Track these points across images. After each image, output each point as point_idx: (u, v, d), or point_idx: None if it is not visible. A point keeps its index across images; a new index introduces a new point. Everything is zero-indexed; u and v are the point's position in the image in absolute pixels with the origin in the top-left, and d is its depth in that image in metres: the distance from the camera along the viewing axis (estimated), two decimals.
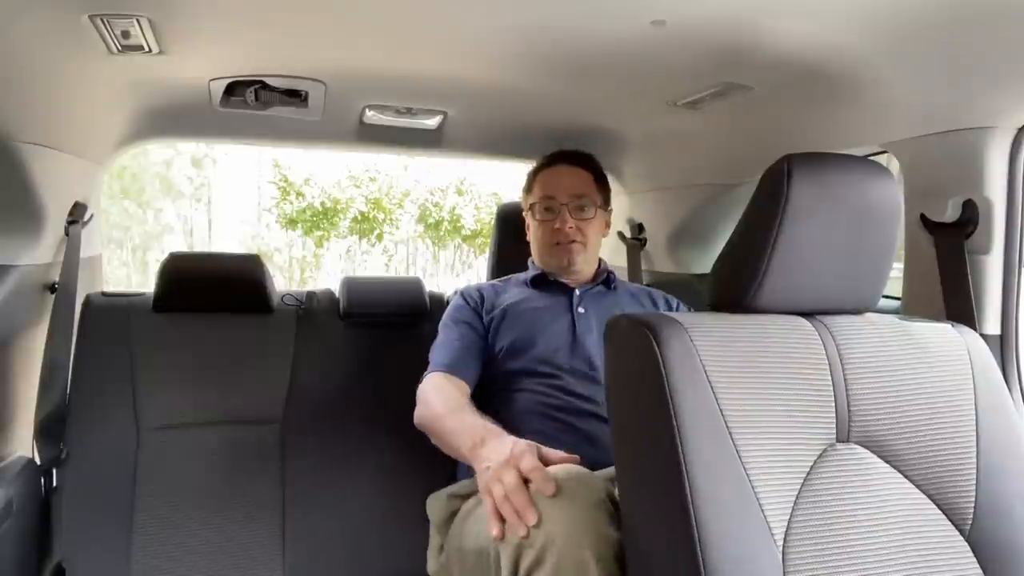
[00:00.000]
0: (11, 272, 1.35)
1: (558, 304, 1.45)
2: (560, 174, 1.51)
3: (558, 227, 1.46)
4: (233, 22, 1.15)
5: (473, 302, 1.48)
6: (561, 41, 1.18)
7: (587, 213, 1.48)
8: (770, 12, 1.03)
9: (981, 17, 0.94)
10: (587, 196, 1.49)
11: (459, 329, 1.42)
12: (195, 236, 8.88)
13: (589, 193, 1.49)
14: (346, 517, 1.50)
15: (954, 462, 0.86)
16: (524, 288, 1.51)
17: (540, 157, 1.59)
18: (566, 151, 1.55)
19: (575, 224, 1.46)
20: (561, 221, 1.46)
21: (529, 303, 1.46)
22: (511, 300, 1.47)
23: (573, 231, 1.46)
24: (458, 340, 1.39)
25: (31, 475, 1.36)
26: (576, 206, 1.47)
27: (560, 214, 1.47)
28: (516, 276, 1.57)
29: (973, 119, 1.11)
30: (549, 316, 1.42)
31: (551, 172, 1.52)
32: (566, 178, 1.50)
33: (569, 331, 1.40)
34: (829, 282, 0.89)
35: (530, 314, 1.43)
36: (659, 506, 0.79)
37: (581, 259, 1.48)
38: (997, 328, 1.16)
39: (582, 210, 1.48)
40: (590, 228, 1.48)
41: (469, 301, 1.48)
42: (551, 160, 1.54)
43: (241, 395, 1.54)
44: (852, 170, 0.88)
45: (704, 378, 0.79)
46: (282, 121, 1.66)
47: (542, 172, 1.54)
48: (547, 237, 1.49)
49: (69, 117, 1.39)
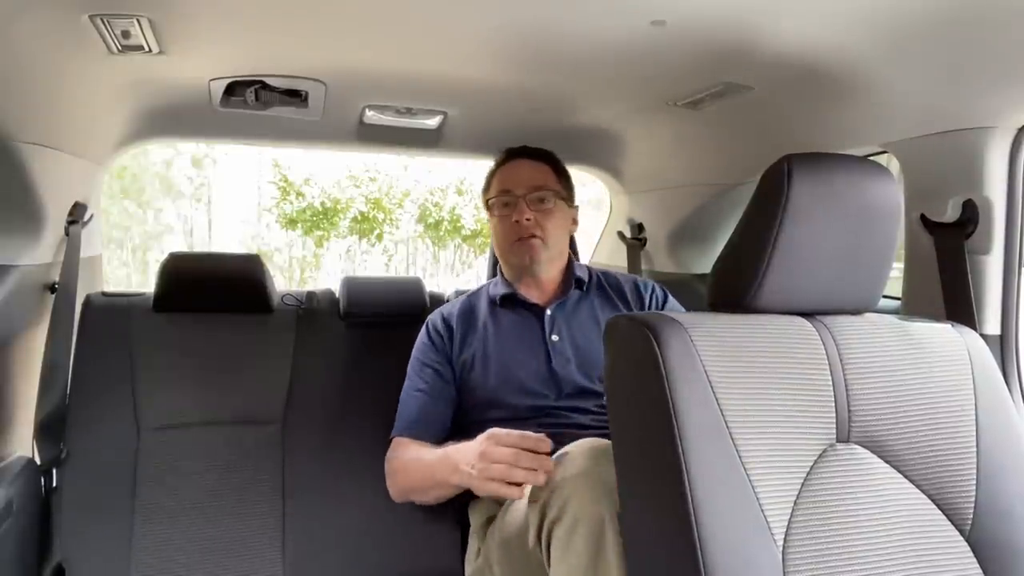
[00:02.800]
0: (11, 272, 1.35)
1: (530, 334, 1.40)
2: (517, 168, 1.46)
3: (516, 220, 1.40)
4: (233, 22, 1.15)
5: (440, 340, 1.43)
6: (561, 41, 1.18)
7: (547, 204, 1.41)
8: (770, 12, 1.03)
9: (981, 17, 0.94)
10: (546, 188, 1.42)
11: (424, 376, 1.40)
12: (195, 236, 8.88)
13: (548, 184, 1.43)
14: (346, 517, 1.50)
15: (954, 462, 0.86)
16: (493, 311, 1.45)
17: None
18: (523, 146, 1.50)
19: (533, 216, 1.39)
20: (518, 213, 1.39)
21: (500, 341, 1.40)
22: (479, 338, 1.41)
23: (532, 224, 1.39)
24: (423, 391, 1.38)
25: (31, 475, 1.36)
26: (535, 198, 1.41)
27: (517, 207, 1.40)
28: (487, 289, 1.51)
29: (973, 119, 1.11)
30: (522, 354, 1.37)
31: (508, 167, 1.47)
32: (523, 171, 1.45)
33: (545, 366, 1.35)
34: (829, 282, 0.89)
35: (502, 359, 1.37)
36: (659, 506, 0.79)
37: (543, 256, 1.40)
38: (997, 328, 1.16)
39: (541, 202, 1.41)
40: (550, 221, 1.41)
41: (435, 340, 1.43)
42: (508, 156, 1.49)
43: (241, 395, 1.54)
44: (852, 170, 0.88)
45: (704, 378, 0.79)
46: (282, 121, 1.66)
47: (500, 168, 1.49)
48: (506, 232, 1.42)
49: (69, 117, 1.39)
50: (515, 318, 1.43)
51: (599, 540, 0.90)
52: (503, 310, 1.45)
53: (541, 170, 1.46)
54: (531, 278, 1.45)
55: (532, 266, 1.41)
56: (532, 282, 1.45)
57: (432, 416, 1.36)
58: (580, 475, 0.94)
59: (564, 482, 0.95)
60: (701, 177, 1.83)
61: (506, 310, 1.45)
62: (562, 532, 0.93)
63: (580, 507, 0.92)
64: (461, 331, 1.43)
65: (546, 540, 0.97)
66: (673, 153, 1.85)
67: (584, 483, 0.93)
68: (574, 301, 1.45)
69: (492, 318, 1.44)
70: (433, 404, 1.37)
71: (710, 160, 1.77)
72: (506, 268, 1.49)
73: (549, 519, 0.96)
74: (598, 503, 0.91)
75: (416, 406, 1.37)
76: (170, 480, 1.45)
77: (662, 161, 1.92)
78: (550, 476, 0.98)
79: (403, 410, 1.39)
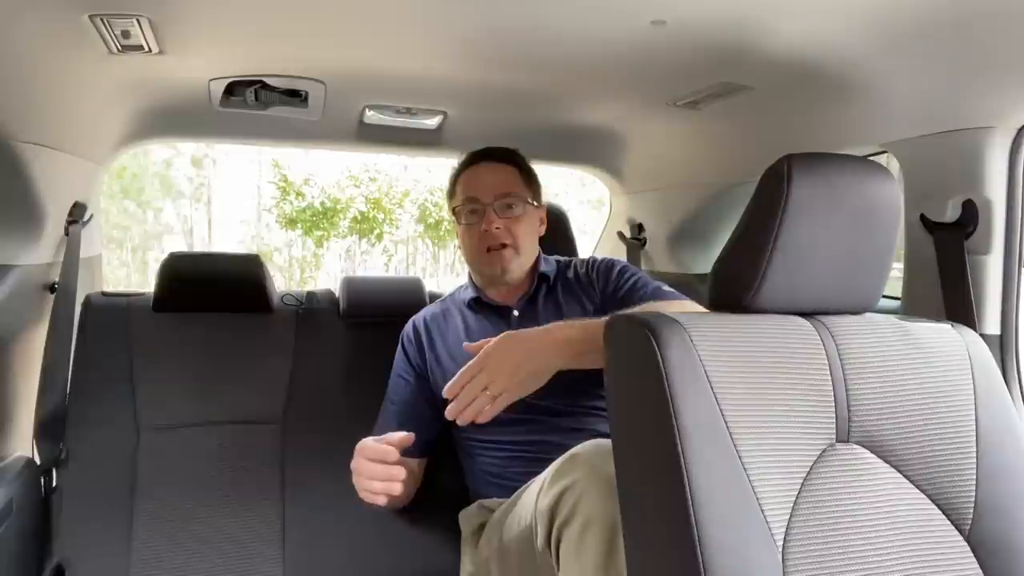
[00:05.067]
0: (11, 272, 1.35)
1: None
2: (482, 173, 1.41)
3: (485, 229, 1.36)
4: (233, 22, 1.15)
5: (412, 350, 1.43)
6: (561, 41, 1.18)
7: (515, 211, 1.37)
8: (770, 12, 1.03)
9: (981, 17, 0.94)
10: (513, 193, 1.38)
11: (398, 388, 1.42)
12: (195, 236, 8.89)
13: (515, 190, 1.39)
14: (346, 517, 1.50)
15: (954, 462, 0.86)
16: (463, 314, 1.44)
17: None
18: (487, 148, 1.45)
19: (502, 225, 1.36)
20: (487, 222, 1.35)
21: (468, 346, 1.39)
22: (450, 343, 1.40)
23: (501, 232, 1.35)
24: (397, 403, 1.40)
25: (31, 475, 1.36)
26: (503, 205, 1.37)
27: (486, 215, 1.36)
28: (459, 293, 1.50)
29: (973, 119, 1.11)
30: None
31: (472, 172, 1.42)
32: (489, 176, 1.40)
33: None
34: (829, 282, 0.89)
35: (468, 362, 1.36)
36: (658, 506, 0.79)
37: (515, 265, 1.37)
38: (997, 328, 1.16)
39: (509, 208, 1.37)
40: (519, 227, 1.37)
41: (407, 349, 1.44)
42: (471, 159, 1.44)
43: (241, 395, 1.54)
44: (852, 170, 0.88)
45: (704, 378, 0.79)
46: (282, 121, 1.66)
47: (464, 173, 1.43)
48: (476, 242, 1.38)
49: (69, 117, 1.39)
50: (483, 321, 1.42)
51: (611, 541, 0.89)
52: (472, 314, 1.44)
53: (507, 173, 1.41)
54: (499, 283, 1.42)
55: (504, 275, 1.38)
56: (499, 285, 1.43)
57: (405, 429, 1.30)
58: (589, 476, 0.93)
59: (574, 484, 0.94)
60: (701, 177, 1.83)
61: (475, 313, 1.43)
62: (573, 534, 0.93)
63: (591, 508, 0.91)
64: (430, 338, 1.43)
65: (555, 542, 0.96)
66: (673, 153, 1.85)
67: (594, 484, 0.92)
68: (542, 297, 1.42)
69: (463, 323, 1.43)
70: (406, 417, 1.37)
71: (710, 160, 1.77)
72: (476, 276, 1.47)
73: (559, 521, 0.95)
74: (609, 504, 0.90)
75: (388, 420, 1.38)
76: (170, 480, 1.45)
77: (662, 161, 1.92)
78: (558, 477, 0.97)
79: (381, 420, 1.40)
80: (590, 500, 0.92)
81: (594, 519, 0.91)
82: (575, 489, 0.94)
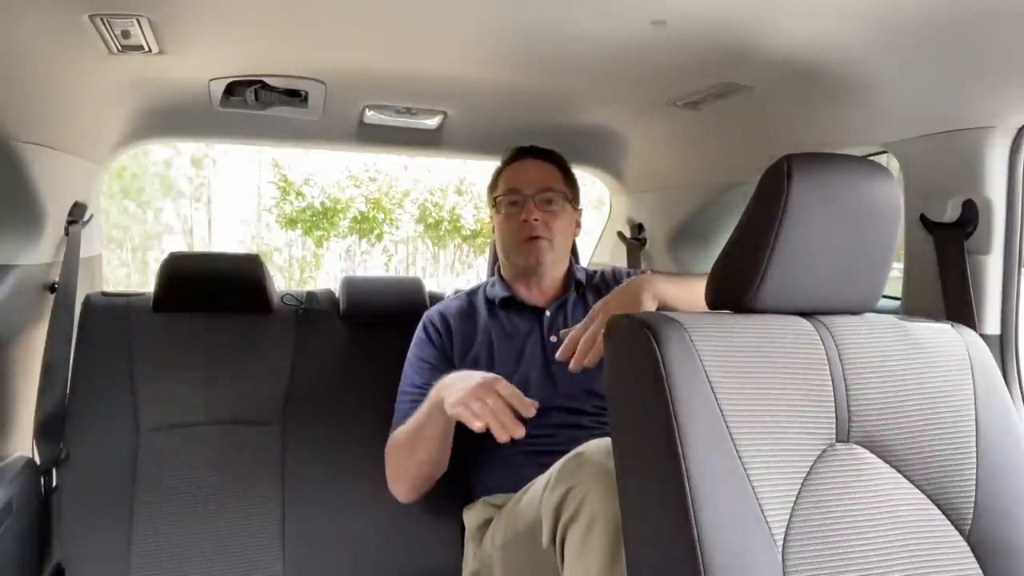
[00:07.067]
0: (11, 272, 1.35)
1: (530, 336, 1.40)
2: (526, 168, 1.46)
3: (524, 219, 1.39)
4: (233, 22, 1.15)
5: (438, 338, 1.42)
6: (561, 41, 1.18)
7: (555, 206, 1.42)
8: (770, 12, 1.03)
9: (981, 17, 0.94)
10: (554, 189, 1.43)
11: (422, 373, 1.38)
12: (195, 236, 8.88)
13: (556, 186, 1.44)
14: (346, 517, 1.50)
15: (954, 462, 0.86)
16: (492, 313, 1.45)
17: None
18: (532, 146, 1.50)
19: (541, 217, 1.39)
20: (527, 212, 1.39)
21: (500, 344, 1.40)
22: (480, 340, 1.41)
23: (539, 224, 1.39)
24: (421, 387, 1.36)
25: (31, 475, 1.36)
26: (543, 199, 1.41)
27: (526, 206, 1.40)
28: (484, 290, 1.51)
29: (973, 119, 1.11)
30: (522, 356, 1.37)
31: (517, 166, 1.47)
32: (532, 170, 1.45)
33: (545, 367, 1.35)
34: (829, 282, 0.89)
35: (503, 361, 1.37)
36: (658, 506, 0.79)
37: (549, 258, 1.41)
38: (997, 328, 1.16)
39: (549, 203, 1.41)
40: (557, 223, 1.41)
41: (432, 336, 1.43)
42: (516, 155, 1.49)
43: (241, 395, 1.53)
44: (852, 170, 0.88)
45: (704, 378, 0.79)
46: (282, 121, 1.66)
47: (507, 167, 1.48)
48: (513, 232, 1.42)
49: (69, 117, 1.39)
50: (515, 320, 1.43)
51: (616, 540, 0.89)
52: (502, 312, 1.45)
53: (549, 171, 1.46)
54: (533, 278, 1.45)
55: (537, 267, 1.41)
56: (533, 283, 1.46)
57: None
58: (596, 474, 0.93)
59: (580, 482, 0.94)
60: (701, 177, 1.83)
61: (505, 312, 1.45)
62: (578, 532, 0.93)
63: (596, 507, 0.91)
64: (462, 331, 1.43)
65: (560, 540, 0.96)
66: (673, 153, 1.85)
67: (599, 482, 0.92)
68: (572, 302, 1.45)
69: (492, 320, 1.44)
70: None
71: (710, 160, 1.77)
72: (508, 267, 1.48)
73: (564, 519, 0.95)
74: (614, 503, 0.89)
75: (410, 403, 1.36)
76: (170, 480, 1.45)
77: (662, 161, 1.92)
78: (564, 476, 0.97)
79: (401, 407, 1.37)
80: (595, 498, 0.92)
81: (599, 517, 0.91)
82: (581, 487, 0.94)
